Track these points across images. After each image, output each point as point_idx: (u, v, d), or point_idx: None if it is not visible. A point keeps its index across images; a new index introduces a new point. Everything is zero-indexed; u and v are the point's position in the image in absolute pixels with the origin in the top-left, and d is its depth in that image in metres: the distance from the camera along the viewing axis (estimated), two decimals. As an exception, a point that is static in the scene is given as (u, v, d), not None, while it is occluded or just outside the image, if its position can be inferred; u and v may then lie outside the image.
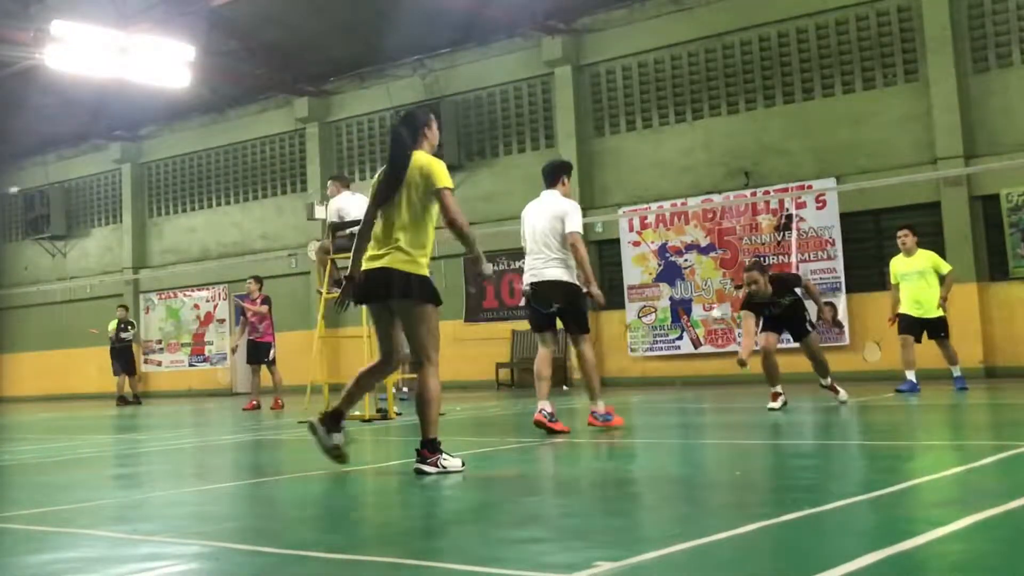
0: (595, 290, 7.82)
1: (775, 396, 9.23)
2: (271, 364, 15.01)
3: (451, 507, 4.54)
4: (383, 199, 5.47)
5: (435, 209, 5.48)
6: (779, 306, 9.28)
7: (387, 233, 5.43)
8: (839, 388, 9.65)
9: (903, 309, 11.31)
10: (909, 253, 11.36)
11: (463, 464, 5.46)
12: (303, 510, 4.70)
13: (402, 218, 5.39)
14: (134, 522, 4.35)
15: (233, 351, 18.55)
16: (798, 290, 9.44)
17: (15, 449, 9.11)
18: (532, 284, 7.78)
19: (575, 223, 7.74)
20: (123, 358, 19.47)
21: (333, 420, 5.55)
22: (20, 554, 3.69)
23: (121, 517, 4.54)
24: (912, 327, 11.21)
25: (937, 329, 11.29)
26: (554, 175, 8.07)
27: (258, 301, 15.07)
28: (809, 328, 9.42)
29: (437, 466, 5.33)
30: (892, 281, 11.58)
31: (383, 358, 5.67)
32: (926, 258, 11.40)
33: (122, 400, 19.14)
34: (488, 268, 5.72)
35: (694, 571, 2.99)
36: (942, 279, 11.38)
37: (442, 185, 5.40)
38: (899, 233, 11.55)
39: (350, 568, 3.24)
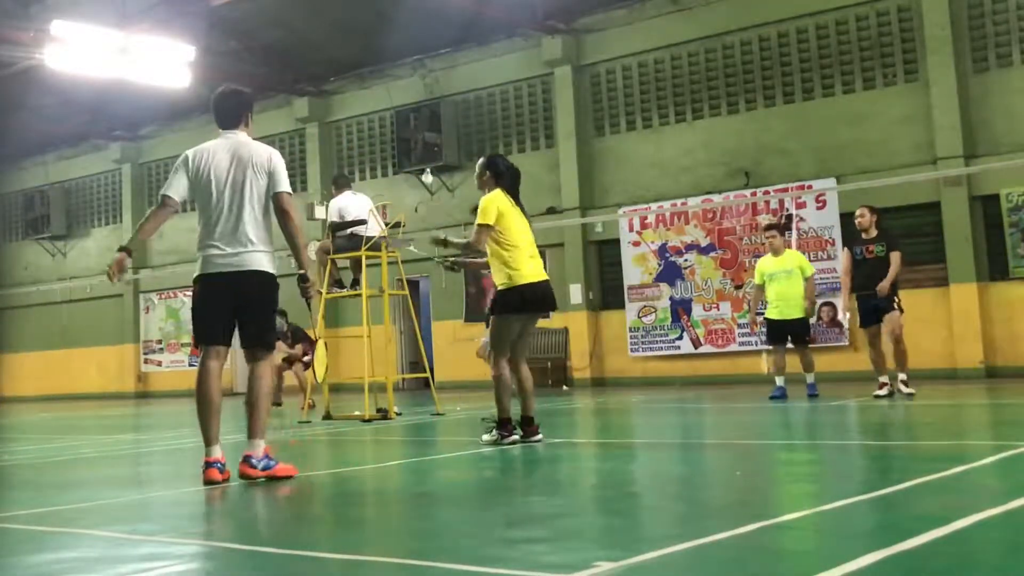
0: (312, 274, 5.96)
1: (882, 385, 10.21)
2: (306, 366, 15.03)
3: (451, 507, 4.53)
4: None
5: None
6: (871, 252, 10.30)
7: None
8: (911, 387, 10.30)
9: (768, 314, 11.11)
10: (777, 253, 11.13)
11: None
12: (303, 510, 4.70)
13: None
14: (134, 522, 4.35)
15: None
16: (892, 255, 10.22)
17: (15, 449, 9.11)
18: (225, 274, 5.46)
19: (286, 180, 5.65)
20: None
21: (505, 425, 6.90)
22: (20, 554, 3.69)
23: (121, 517, 4.54)
24: (778, 334, 11.00)
25: (800, 334, 10.99)
26: (234, 110, 5.68)
27: (290, 337, 14.95)
28: (896, 307, 10.19)
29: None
30: (757, 281, 11.29)
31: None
32: (793, 258, 11.20)
33: None
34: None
35: (694, 571, 2.99)
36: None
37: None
38: (767, 234, 11.36)
39: (350, 568, 3.24)
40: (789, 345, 11.05)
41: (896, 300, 10.22)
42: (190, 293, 5.76)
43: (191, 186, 5.51)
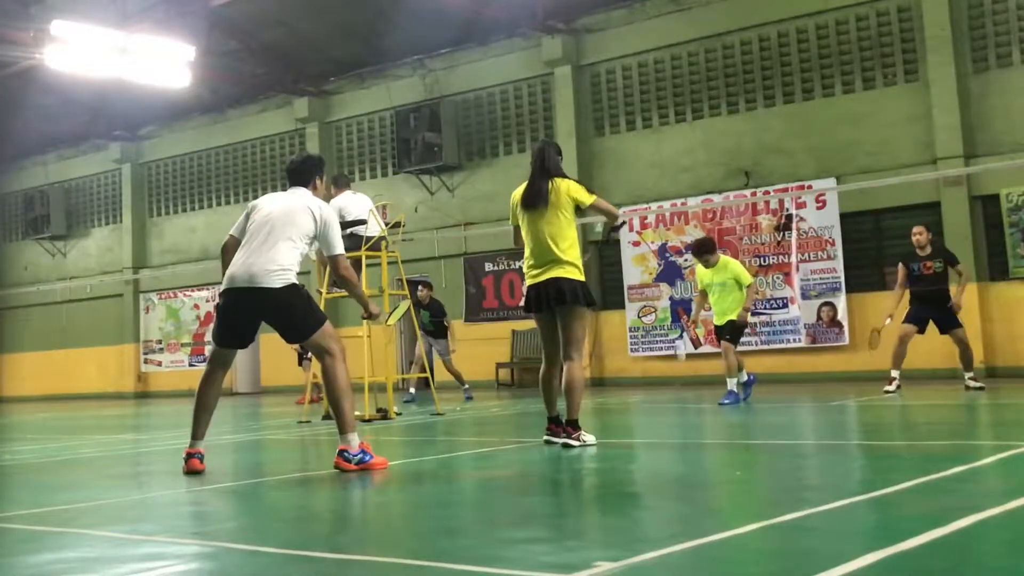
0: (374, 309, 6.44)
1: (891, 380, 10.93)
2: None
3: (451, 507, 4.53)
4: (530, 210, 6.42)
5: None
6: (928, 268, 10.95)
7: (546, 247, 6.35)
8: (978, 382, 11.12)
9: (715, 320, 11.07)
10: (708, 265, 10.92)
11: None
12: (303, 510, 4.70)
13: (554, 230, 6.34)
14: (134, 522, 4.35)
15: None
16: (952, 270, 10.99)
17: (15, 449, 9.11)
18: (236, 290, 5.81)
19: (339, 241, 6.00)
20: None
21: (558, 425, 6.53)
22: (20, 554, 3.69)
23: (121, 517, 4.54)
24: (720, 336, 10.99)
25: (725, 333, 10.81)
26: (305, 172, 6.19)
27: None
28: (960, 322, 10.97)
29: (580, 440, 6.39)
30: (699, 288, 11.20)
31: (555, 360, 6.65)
32: (727, 269, 10.92)
33: None
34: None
35: (694, 571, 2.99)
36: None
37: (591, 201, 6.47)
38: (699, 259, 11.10)
39: (350, 568, 3.24)
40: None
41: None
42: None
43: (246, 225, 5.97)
